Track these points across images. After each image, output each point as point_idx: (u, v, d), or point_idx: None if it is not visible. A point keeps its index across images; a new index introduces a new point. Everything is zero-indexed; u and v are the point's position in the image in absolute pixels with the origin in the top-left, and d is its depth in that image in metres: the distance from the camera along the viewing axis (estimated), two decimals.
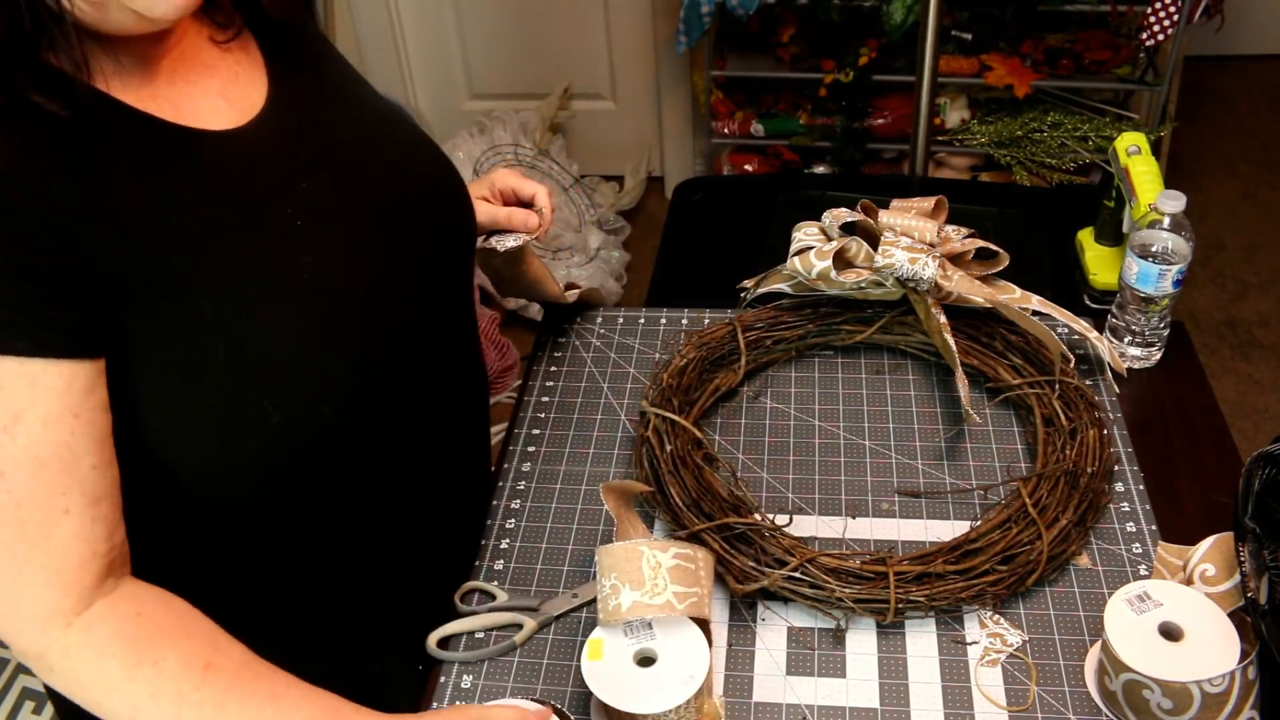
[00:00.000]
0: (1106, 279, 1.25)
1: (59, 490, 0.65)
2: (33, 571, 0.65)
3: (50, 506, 0.65)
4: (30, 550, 0.64)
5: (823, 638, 0.90)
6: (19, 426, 0.64)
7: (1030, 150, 2.45)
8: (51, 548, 0.65)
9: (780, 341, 1.18)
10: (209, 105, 0.77)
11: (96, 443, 0.67)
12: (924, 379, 1.16)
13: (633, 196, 2.96)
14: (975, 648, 0.88)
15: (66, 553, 0.66)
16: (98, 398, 0.68)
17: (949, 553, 0.92)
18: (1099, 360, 1.14)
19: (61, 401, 0.65)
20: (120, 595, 0.69)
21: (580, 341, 1.24)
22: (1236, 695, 0.78)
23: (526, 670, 0.90)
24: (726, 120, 2.71)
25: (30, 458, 0.64)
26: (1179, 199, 1.06)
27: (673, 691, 0.79)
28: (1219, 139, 3.08)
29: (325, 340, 0.77)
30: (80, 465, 0.66)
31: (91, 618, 0.67)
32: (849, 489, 1.03)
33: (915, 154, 1.72)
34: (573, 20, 2.83)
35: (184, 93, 0.75)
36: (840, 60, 2.56)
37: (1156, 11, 2.23)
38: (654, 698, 0.79)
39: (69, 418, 0.66)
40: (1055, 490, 0.97)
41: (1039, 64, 2.50)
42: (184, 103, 0.75)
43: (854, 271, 1.13)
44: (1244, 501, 0.85)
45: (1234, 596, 0.86)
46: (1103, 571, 0.94)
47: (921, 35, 1.60)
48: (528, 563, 0.99)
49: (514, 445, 1.12)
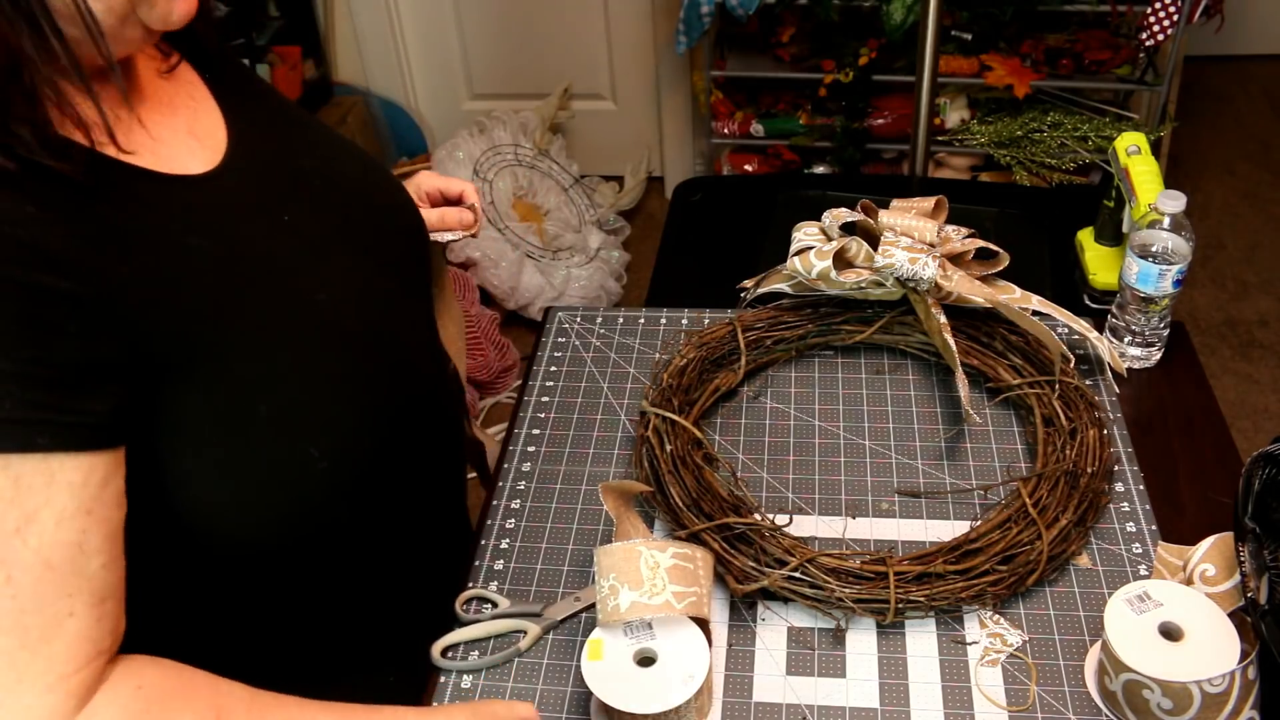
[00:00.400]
0: (1106, 279, 1.26)
1: (66, 592, 0.61)
2: (33, 678, 0.60)
3: (55, 610, 0.61)
4: (31, 657, 0.60)
5: (823, 638, 0.90)
6: (32, 528, 0.60)
7: (1030, 150, 2.45)
8: (53, 653, 0.61)
9: (780, 341, 1.18)
10: (183, 146, 0.74)
11: (108, 540, 0.64)
12: (924, 379, 1.16)
13: (633, 197, 2.96)
14: (975, 648, 0.88)
15: (70, 655, 0.62)
16: (112, 490, 0.64)
17: (949, 553, 0.92)
18: (1099, 360, 1.14)
19: (77, 498, 0.61)
20: (116, 676, 0.65)
21: (580, 341, 1.24)
22: (1236, 695, 0.78)
23: (526, 670, 0.90)
24: (726, 120, 2.71)
25: (40, 560, 0.60)
26: (1179, 199, 1.07)
27: (673, 691, 0.79)
28: (1219, 139, 3.08)
29: (354, 375, 0.76)
30: (90, 565, 0.62)
31: (94, 710, 0.63)
32: (849, 489, 1.03)
33: (915, 154, 1.72)
34: (573, 20, 2.83)
35: (159, 138, 0.72)
36: (840, 60, 2.56)
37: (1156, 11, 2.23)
38: (654, 698, 0.79)
39: (82, 515, 0.62)
40: (1055, 490, 0.97)
41: (1039, 64, 2.50)
42: (161, 149, 0.72)
43: (854, 271, 1.13)
44: (1244, 501, 0.85)
45: (1234, 596, 0.86)
46: (1103, 571, 0.94)
47: (921, 35, 1.60)
48: (528, 563, 0.99)
49: (514, 445, 1.12)
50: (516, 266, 2.53)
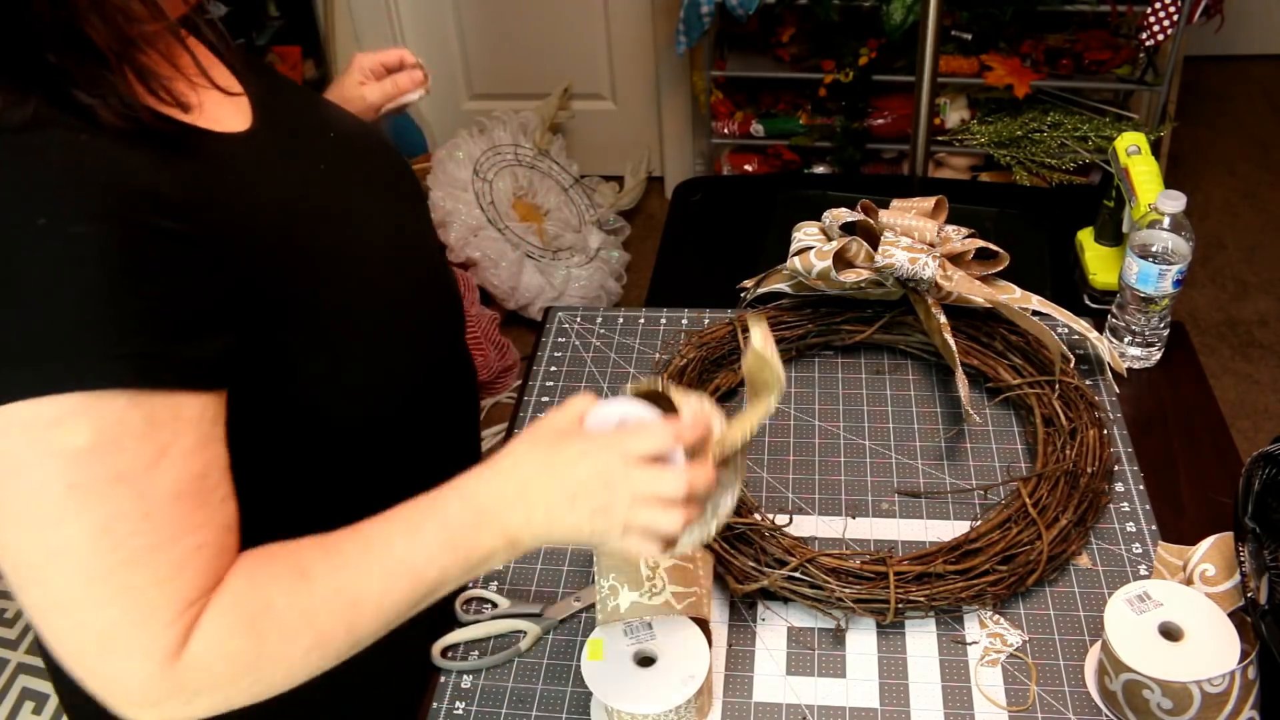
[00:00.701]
0: (1106, 279, 1.25)
1: (196, 524, 0.63)
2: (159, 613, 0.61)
3: (185, 544, 0.62)
4: (159, 593, 0.61)
5: (823, 638, 0.90)
6: (164, 462, 0.61)
7: (1030, 150, 2.45)
8: (180, 586, 0.61)
9: (780, 341, 1.18)
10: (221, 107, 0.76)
11: (224, 474, 0.66)
12: (924, 379, 1.16)
13: (633, 197, 2.96)
14: (975, 648, 0.88)
15: (194, 588, 0.62)
16: (221, 430, 0.66)
17: (949, 553, 0.92)
18: (1099, 360, 1.14)
19: (199, 433, 0.64)
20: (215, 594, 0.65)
21: (580, 341, 1.24)
22: (1236, 695, 0.78)
23: (527, 670, 0.90)
24: (726, 120, 2.71)
25: (173, 494, 0.62)
26: (1179, 199, 1.06)
27: (673, 691, 0.79)
28: (1219, 139, 3.08)
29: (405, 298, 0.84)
30: (213, 498, 0.64)
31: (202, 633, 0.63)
32: (849, 489, 1.03)
33: (915, 154, 1.72)
34: (573, 20, 2.83)
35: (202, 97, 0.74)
36: (840, 60, 2.56)
37: (1156, 11, 2.23)
38: (654, 698, 0.79)
39: (203, 450, 0.64)
40: (1055, 490, 0.97)
41: (1039, 64, 2.50)
42: (207, 109, 0.74)
43: (854, 271, 1.13)
44: (1244, 501, 0.85)
45: (1234, 596, 0.86)
46: (1103, 571, 0.94)
47: (921, 35, 1.60)
48: (528, 562, 0.99)
49: None
50: (516, 266, 2.53)
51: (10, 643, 1.19)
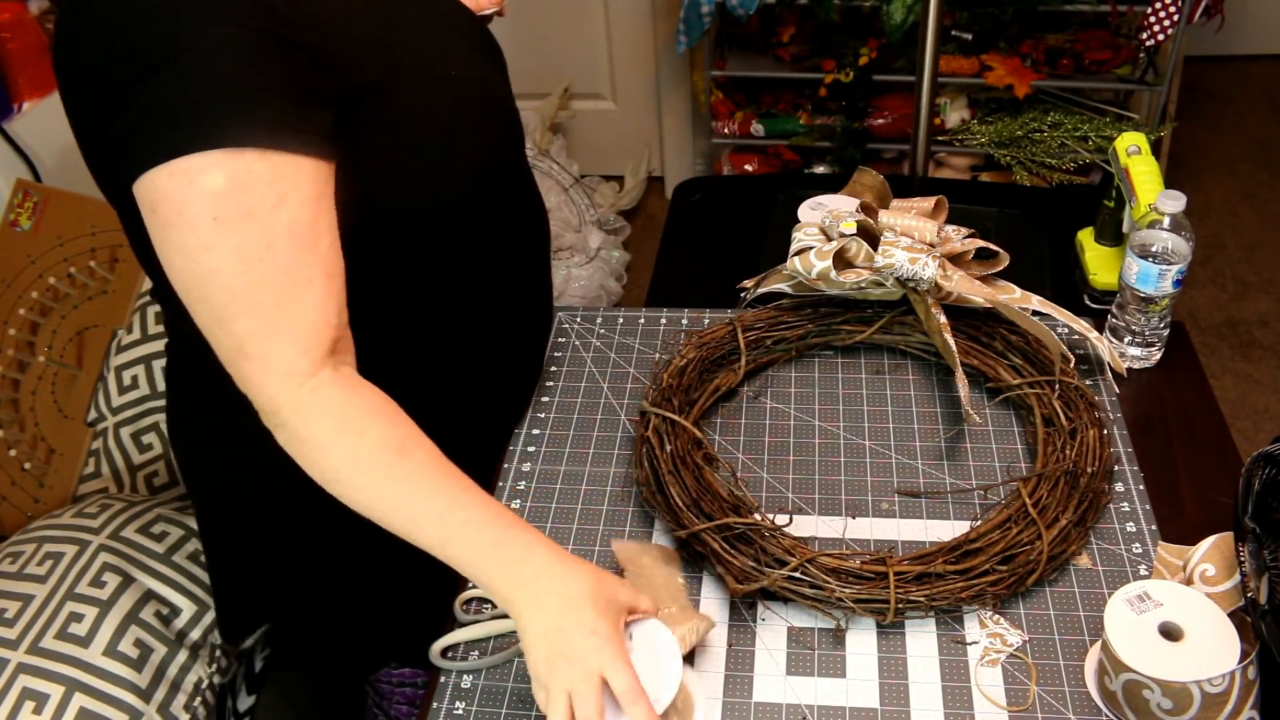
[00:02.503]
0: (1106, 279, 1.26)
1: (306, 262, 0.77)
2: (283, 333, 0.76)
3: (299, 276, 0.76)
4: (283, 315, 0.76)
5: (823, 638, 0.90)
6: (284, 205, 0.75)
7: (1030, 150, 2.45)
8: (299, 312, 0.76)
9: (780, 341, 1.18)
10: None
11: (332, 227, 0.79)
12: (924, 379, 1.16)
13: (633, 196, 2.96)
14: (975, 648, 0.88)
15: (309, 318, 0.77)
16: (330, 192, 0.80)
17: (949, 553, 0.92)
18: (1099, 360, 1.14)
19: (312, 188, 0.77)
20: (342, 373, 0.80)
21: (580, 341, 1.24)
22: (1236, 695, 0.78)
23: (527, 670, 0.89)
24: (726, 120, 2.71)
25: (290, 232, 0.76)
26: (1179, 199, 1.07)
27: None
28: (1219, 139, 3.08)
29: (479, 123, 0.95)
30: (321, 243, 0.78)
31: (318, 381, 0.77)
32: (849, 489, 1.03)
33: (915, 154, 1.72)
34: (573, 20, 2.83)
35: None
36: (840, 60, 2.56)
37: (1156, 11, 2.23)
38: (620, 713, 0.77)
39: (315, 200, 0.77)
40: (1055, 490, 0.97)
41: (1039, 64, 2.50)
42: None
43: (854, 271, 1.13)
44: (1244, 501, 0.85)
45: (1234, 596, 0.86)
46: (1103, 571, 0.94)
47: (921, 35, 1.60)
48: None
49: (514, 445, 1.12)
50: None
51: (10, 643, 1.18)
